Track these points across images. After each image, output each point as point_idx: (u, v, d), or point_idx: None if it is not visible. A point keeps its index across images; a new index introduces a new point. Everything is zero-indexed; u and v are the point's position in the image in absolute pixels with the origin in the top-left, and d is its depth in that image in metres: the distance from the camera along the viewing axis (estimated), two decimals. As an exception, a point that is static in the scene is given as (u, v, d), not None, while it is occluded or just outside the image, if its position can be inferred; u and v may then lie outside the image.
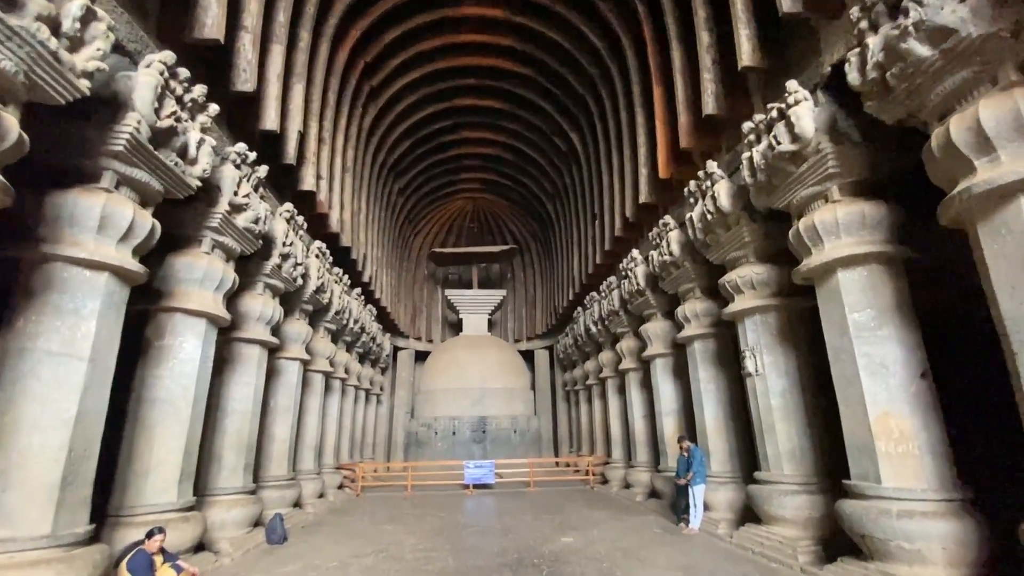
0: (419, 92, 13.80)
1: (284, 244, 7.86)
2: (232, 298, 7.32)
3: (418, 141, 15.66)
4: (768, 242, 6.71)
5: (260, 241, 6.95)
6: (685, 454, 7.71)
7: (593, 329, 13.43)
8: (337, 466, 12.54)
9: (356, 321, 12.78)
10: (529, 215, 20.17)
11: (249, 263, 7.57)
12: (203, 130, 5.83)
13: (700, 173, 7.21)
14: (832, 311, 5.44)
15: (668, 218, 8.55)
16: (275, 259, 7.67)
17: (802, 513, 5.68)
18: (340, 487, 12.45)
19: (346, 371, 13.09)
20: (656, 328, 9.78)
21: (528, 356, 20.33)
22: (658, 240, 8.95)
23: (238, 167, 6.27)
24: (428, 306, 21.87)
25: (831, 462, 5.98)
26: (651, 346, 9.92)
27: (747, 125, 6.34)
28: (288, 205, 8.01)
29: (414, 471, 13.65)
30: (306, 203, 9.37)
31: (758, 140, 6.20)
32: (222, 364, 7.30)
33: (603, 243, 12.25)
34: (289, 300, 9.06)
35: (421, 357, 20.06)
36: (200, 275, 5.92)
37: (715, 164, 7.00)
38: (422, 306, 21.43)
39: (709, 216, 6.97)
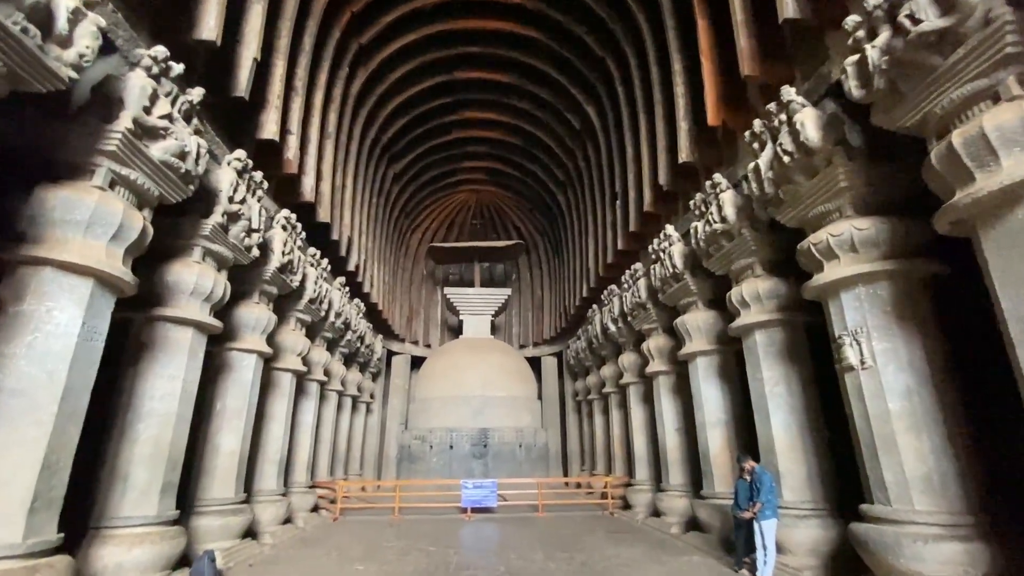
0: (416, 60, 12.21)
1: (231, 200, 6.15)
2: (153, 264, 5.61)
3: (415, 120, 14.05)
4: (874, 185, 4.92)
5: (190, 186, 5.24)
6: (747, 478, 5.86)
7: (612, 328, 11.60)
8: (311, 484, 10.66)
9: (339, 315, 11.01)
10: (537, 209, 18.48)
11: (182, 221, 5.85)
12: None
13: (771, 105, 5.48)
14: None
15: (719, 177, 6.80)
16: (217, 217, 5.94)
17: (954, 570, 3.82)
18: (315, 510, 10.57)
19: (326, 373, 11.29)
20: (697, 320, 7.97)
21: (535, 364, 18.47)
22: (703, 207, 7.20)
23: (149, 71, 4.58)
24: (426, 308, 20.09)
25: (983, 491, 4.16)
26: (690, 342, 8.09)
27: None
28: (239, 153, 6.31)
29: (404, 491, 11.75)
30: (270, 161, 7.69)
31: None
32: (139, 351, 5.54)
33: (626, 225, 10.50)
34: (243, 277, 7.33)
35: (418, 363, 18.23)
36: (86, 215, 4.18)
37: (793, 91, 5.26)
38: (419, 307, 19.65)
39: (787, 159, 5.21)
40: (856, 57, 4.29)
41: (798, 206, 5.39)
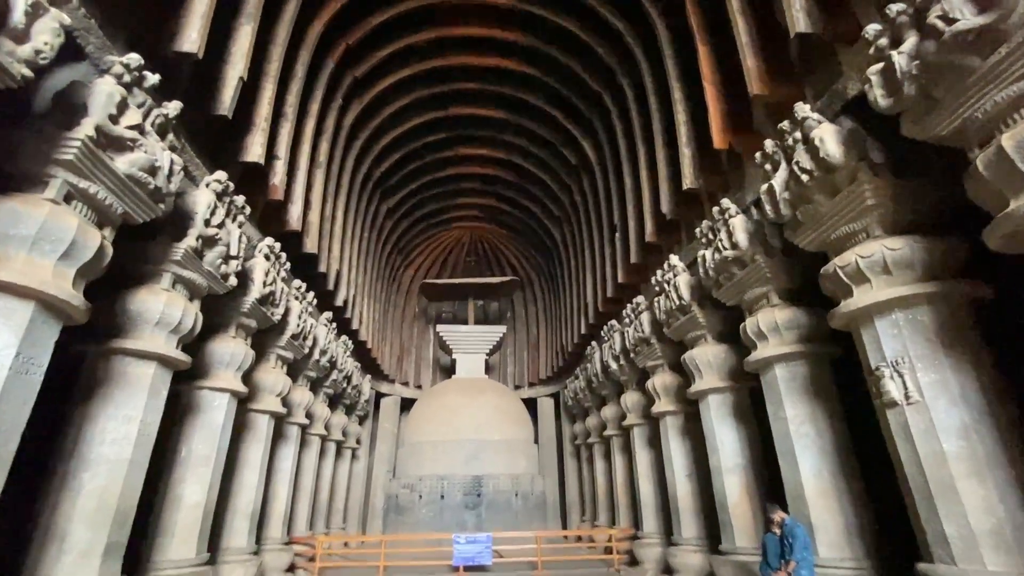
0: (411, 95, 12.15)
1: (208, 224, 5.69)
2: (117, 291, 5.08)
3: (410, 155, 13.91)
4: (903, 202, 4.57)
5: (161, 205, 4.78)
6: (777, 531, 5.21)
7: (613, 366, 11.02)
8: (288, 540, 9.69)
9: (324, 353, 10.36)
10: (532, 246, 18.20)
11: (152, 245, 5.36)
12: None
13: (783, 124, 5.21)
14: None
15: (728, 202, 6.47)
16: (191, 240, 5.46)
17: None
18: (291, 570, 9.56)
19: (308, 416, 10.53)
20: (707, 354, 7.46)
21: (530, 405, 17.65)
22: (711, 235, 6.85)
23: (120, 78, 4.20)
24: (418, 347, 19.38)
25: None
26: (700, 379, 7.55)
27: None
28: (220, 174, 5.90)
29: (390, 547, 10.75)
30: (255, 187, 7.30)
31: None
32: (91, 388, 4.90)
33: (627, 256, 10.14)
34: (219, 308, 6.78)
35: (408, 406, 17.35)
36: (32, 230, 3.68)
37: (807, 107, 5.00)
38: (410, 346, 18.95)
39: (805, 178, 4.88)
40: (880, 66, 4.02)
41: (819, 227, 5.04)
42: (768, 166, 5.58)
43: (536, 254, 18.31)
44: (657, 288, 8.48)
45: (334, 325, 11.06)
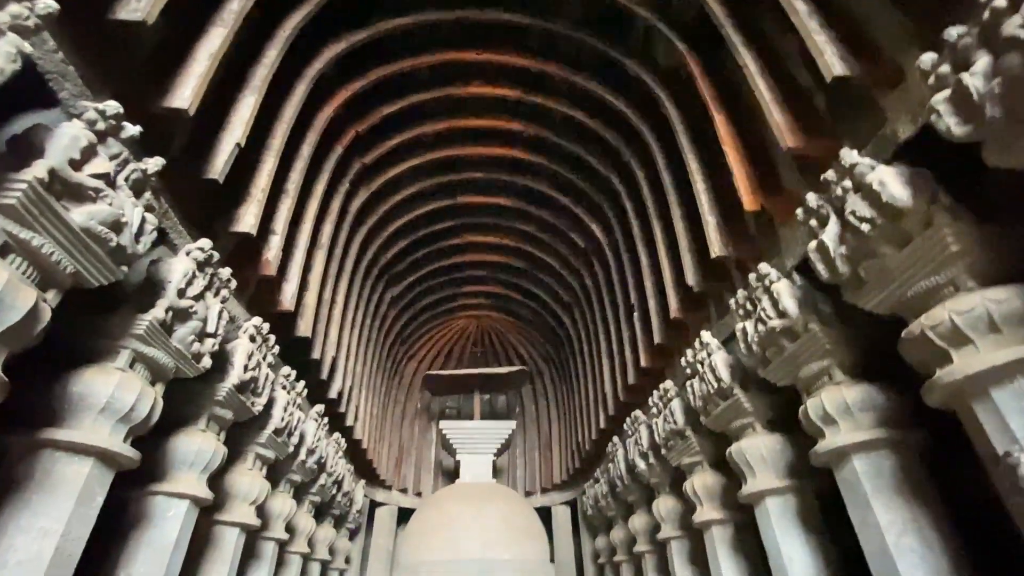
0: (419, 184, 12.19)
1: (182, 295, 5.01)
2: (60, 372, 4.28)
3: (417, 242, 13.73)
4: (992, 248, 3.85)
5: (124, 267, 4.14)
6: None
7: (640, 465, 9.66)
8: None
9: (312, 452, 9.15)
10: (542, 335, 17.42)
11: (111, 316, 4.63)
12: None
13: (828, 174, 4.68)
14: None
15: (767, 268, 5.79)
16: (159, 312, 4.74)
17: None
18: None
19: (289, 530, 9.03)
20: (759, 447, 6.31)
21: (544, 515, 15.65)
22: (749, 305, 6.09)
23: (92, 125, 3.76)
24: (419, 448, 17.80)
25: None
26: (753, 478, 6.33)
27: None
28: (203, 242, 5.35)
29: None
30: (247, 263, 6.76)
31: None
32: (2, 492, 3.89)
33: (649, 338, 9.29)
34: (188, 395, 5.88)
35: (406, 517, 15.41)
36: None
37: (855, 153, 4.50)
38: (411, 447, 17.39)
39: (865, 228, 4.23)
40: (947, 93, 3.53)
41: (889, 284, 4.29)
42: (813, 222, 4.97)
43: (546, 344, 17.46)
44: (688, 371, 7.52)
45: (326, 420, 9.95)
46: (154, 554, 5.23)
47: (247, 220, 6.14)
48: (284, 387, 7.92)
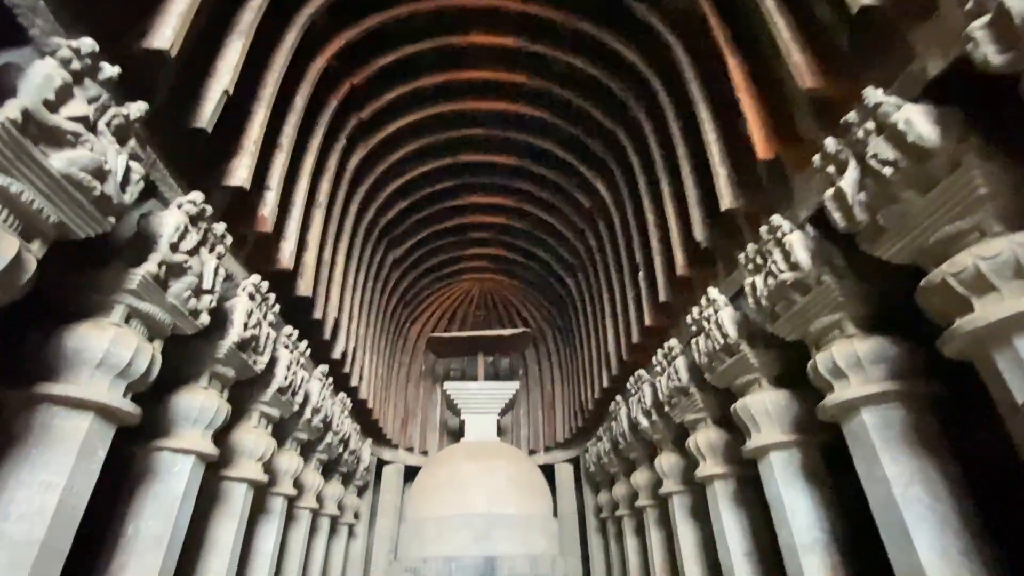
0: (419, 141, 11.81)
1: (175, 249, 4.87)
2: (54, 327, 4.19)
3: (417, 203, 13.44)
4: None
5: (110, 219, 3.98)
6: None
7: (643, 423, 9.70)
8: (264, 642, 8.06)
9: (317, 411, 9.21)
10: (545, 297, 17.31)
11: (102, 271, 4.51)
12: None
13: (850, 116, 4.41)
14: None
15: (779, 219, 5.58)
16: (151, 266, 4.60)
17: None
18: None
19: (296, 485, 9.19)
20: (764, 402, 6.27)
21: (547, 472, 15.97)
22: (760, 259, 5.90)
23: (67, 64, 3.52)
24: (424, 408, 18.03)
25: None
26: (757, 433, 6.31)
27: None
28: (195, 195, 5.16)
29: (387, 648, 9.00)
30: (242, 220, 6.58)
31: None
32: (1, 446, 3.86)
33: (654, 296, 9.17)
34: (188, 353, 5.83)
35: (412, 475, 15.75)
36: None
37: (880, 91, 4.21)
38: (416, 408, 17.61)
39: (888, 171, 3.99)
40: (986, 19, 3.25)
41: (910, 231, 4.09)
42: (831, 168, 4.73)
43: (549, 306, 17.38)
44: (694, 328, 7.42)
45: (330, 380, 9.98)
46: (162, 508, 5.29)
47: (239, 173, 5.93)
48: (286, 346, 7.87)
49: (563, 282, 15.42)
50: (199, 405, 5.78)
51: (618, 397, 11.44)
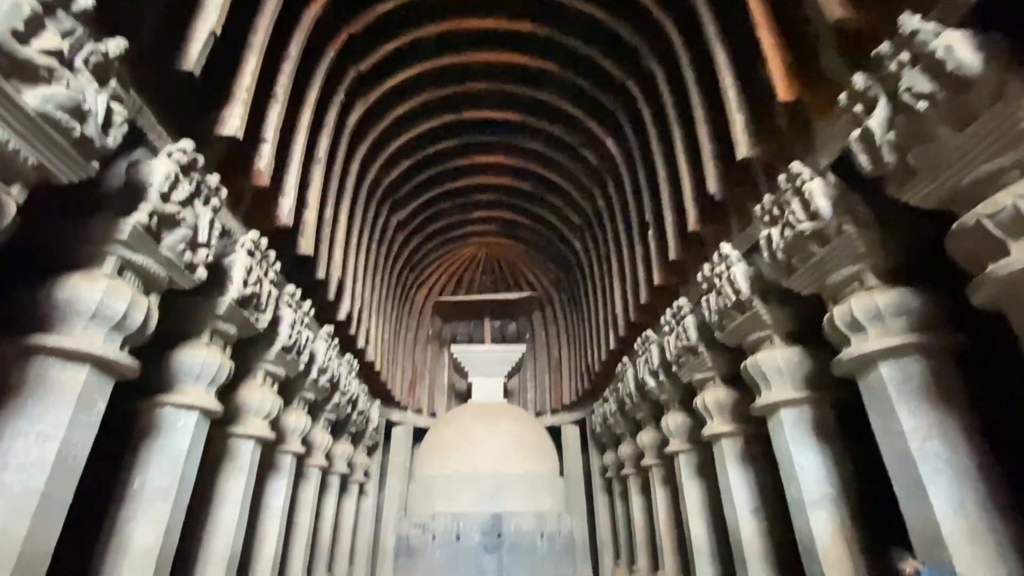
0: (420, 96, 11.36)
1: (166, 199, 4.69)
2: (44, 279, 4.07)
3: (420, 163, 13.06)
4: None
5: (93, 163, 3.79)
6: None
7: (651, 383, 9.64)
8: (278, 591, 8.31)
9: (323, 371, 9.22)
10: (552, 260, 17.07)
11: (91, 220, 4.36)
12: None
13: (882, 47, 4.05)
14: None
15: (799, 167, 5.27)
16: (142, 216, 4.44)
17: None
18: (281, 626, 8.16)
19: (306, 444, 9.30)
20: (775, 359, 6.11)
21: (554, 434, 16.13)
22: (776, 210, 5.62)
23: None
24: (432, 371, 18.14)
25: None
26: (768, 390, 6.18)
27: None
28: (185, 143, 4.94)
29: (397, 598, 9.28)
30: (238, 174, 6.36)
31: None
32: (-2, 396, 3.81)
33: (664, 254, 8.93)
34: (188, 310, 5.74)
35: (421, 436, 15.98)
36: None
37: (917, 17, 3.85)
38: (424, 371, 17.72)
39: (923, 106, 3.68)
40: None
41: (943, 172, 3.80)
42: (859, 107, 4.40)
43: (556, 269, 17.15)
44: (705, 285, 7.21)
45: (336, 342, 9.95)
46: (167, 461, 5.31)
47: (232, 122, 5.68)
48: (289, 306, 7.78)
49: (570, 244, 15.14)
50: (201, 361, 5.73)
51: (625, 359, 11.36)
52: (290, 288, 7.85)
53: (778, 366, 6.07)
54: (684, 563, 9.08)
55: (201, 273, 5.27)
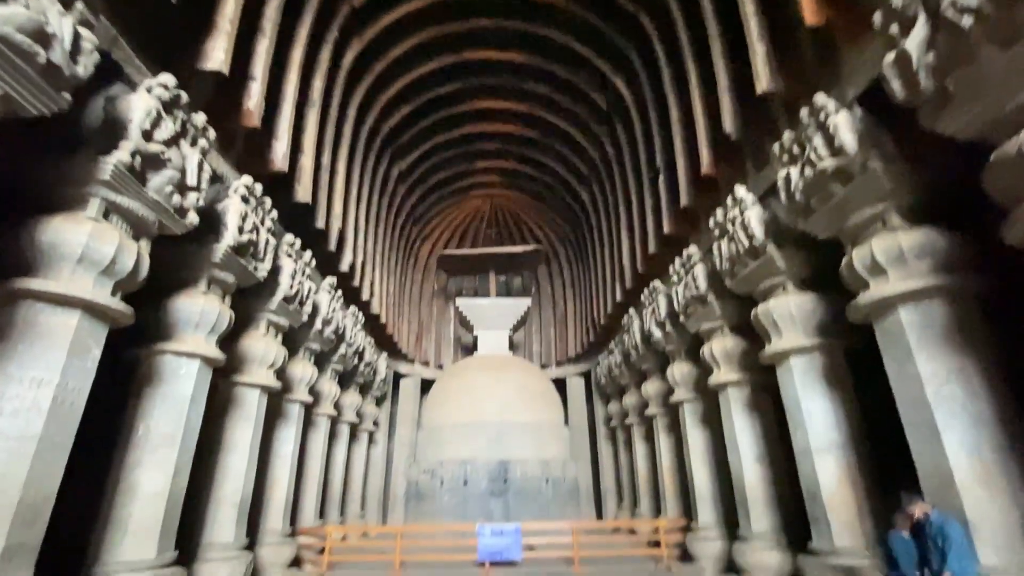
0: (419, 34, 10.72)
1: (149, 138, 4.44)
2: (23, 221, 3.90)
3: (421, 108, 12.52)
4: None
5: (65, 94, 3.53)
6: (906, 533, 3.80)
7: (657, 334, 9.53)
8: (291, 532, 8.60)
9: (328, 322, 9.18)
10: (557, 212, 16.68)
11: (72, 159, 4.13)
12: None
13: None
14: None
15: (823, 99, 4.87)
16: (123, 155, 4.21)
17: None
18: (296, 563, 8.50)
19: (313, 394, 9.40)
20: (788, 306, 5.92)
21: (559, 385, 16.30)
22: (797, 148, 5.27)
23: None
24: (438, 324, 18.21)
25: None
26: (779, 337, 6.03)
27: None
28: (165, 77, 4.63)
29: (407, 539, 9.60)
30: (228, 116, 6.04)
31: None
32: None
33: (674, 201, 8.59)
34: (184, 257, 5.59)
35: (428, 387, 16.21)
36: None
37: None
38: (430, 325, 17.78)
39: (967, 21, 3.29)
40: None
41: (986, 97, 3.45)
42: (894, 28, 3.98)
43: (562, 221, 16.79)
44: (717, 232, 6.93)
45: (339, 293, 9.85)
46: (171, 408, 5.31)
47: (216, 56, 5.32)
48: (289, 255, 7.62)
49: (576, 195, 14.72)
50: (200, 309, 5.64)
51: (631, 311, 11.22)
52: (289, 238, 7.66)
53: (790, 313, 5.89)
54: (686, 507, 9.27)
55: (192, 218, 5.07)
